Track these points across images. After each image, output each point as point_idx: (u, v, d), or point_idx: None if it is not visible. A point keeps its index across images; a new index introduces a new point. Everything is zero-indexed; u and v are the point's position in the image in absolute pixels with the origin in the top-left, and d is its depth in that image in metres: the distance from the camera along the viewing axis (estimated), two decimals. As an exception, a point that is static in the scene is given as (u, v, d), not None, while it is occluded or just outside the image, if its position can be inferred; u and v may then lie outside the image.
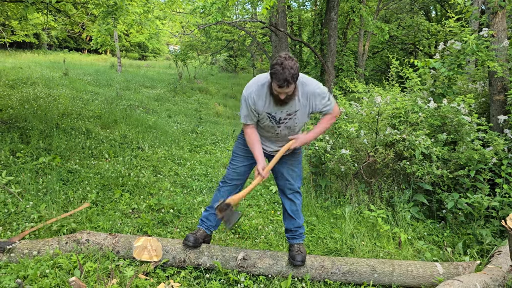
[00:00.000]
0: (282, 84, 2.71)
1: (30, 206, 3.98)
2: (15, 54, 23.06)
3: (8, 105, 8.21)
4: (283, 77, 2.67)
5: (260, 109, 3.02)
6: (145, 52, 41.08)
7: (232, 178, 3.44)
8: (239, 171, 3.43)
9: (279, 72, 2.67)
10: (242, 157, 3.42)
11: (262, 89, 2.99)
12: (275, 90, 2.83)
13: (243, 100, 3.02)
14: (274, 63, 2.72)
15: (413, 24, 17.69)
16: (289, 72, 2.67)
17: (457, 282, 3.01)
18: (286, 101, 2.94)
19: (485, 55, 5.02)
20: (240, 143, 3.44)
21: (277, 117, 3.06)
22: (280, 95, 2.84)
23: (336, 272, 3.40)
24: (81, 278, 2.80)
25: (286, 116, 3.07)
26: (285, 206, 3.51)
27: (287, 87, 2.75)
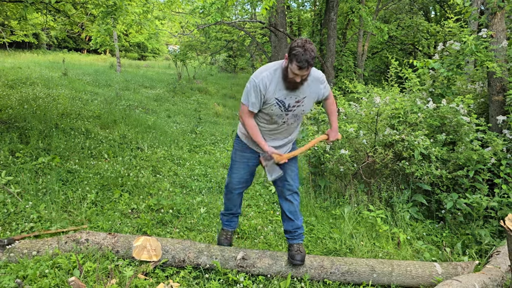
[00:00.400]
0: (303, 65, 2.73)
1: (30, 206, 3.98)
2: (14, 54, 23.05)
3: (7, 105, 8.21)
4: (305, 58, 2.71)
5: (270, 94, 2.98)
6: (144, 52, 41.07)
7: (235, 187, 3.49)
8: (239, 177, 3.46)
9: (301, 53, 2.70)
10: (243, 164, 3.41)
11: (274, 74, 2.98)
12: (293, 73, 2.82)
13: (253, 86, 2.96)
14: (295, 45, 2.75)
15: (412, 25, 17.71)
16: (310, 54, 2.72)
17: (456, 282, 3.02)
18: (298, 86, 2.95)
19: (484, 55, 5.03)
20: (238, 149, 3.42)
21: (286, 103, 3.04)
22: (296, 77, 2.84)
23: (335, 272, 3.41)
24: (80, 278, 2.80)
25: (295, 103, 3.07)
26: (283, 207, 3.48)
27: (306, 69, 2.78)
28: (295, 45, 2.76)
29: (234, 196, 3.57)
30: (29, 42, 26.78)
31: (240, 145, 3.39)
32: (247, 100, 3.02)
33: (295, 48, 2.74)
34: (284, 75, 2.92)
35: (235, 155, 3.45)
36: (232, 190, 3.52)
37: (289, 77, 2.87)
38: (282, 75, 2.95)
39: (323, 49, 15.70)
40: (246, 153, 3.38)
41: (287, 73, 2.88)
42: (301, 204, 5.07)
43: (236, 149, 3.44)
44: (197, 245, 3.34)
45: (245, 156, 3.38)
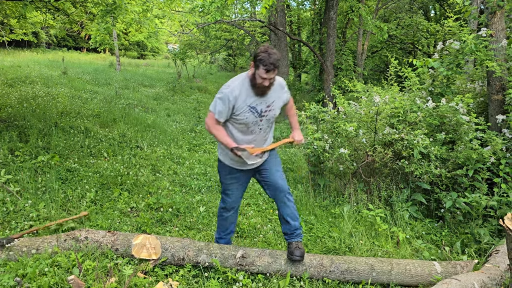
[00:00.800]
0: (270, 68, 2.88)
1: (29, 204, 3.98)
2: (14, 53, 23.01)
3: (7, 104, 8.21)
4: (270, 61, 2.86)
5: (241, 103, 3.08)
6: (144, 51, 41.04)
7: (233, 206, 3.53)
8: (236, 197, 3.50)
9: (266, 57, 2.87)
10: (234, 184, 3.44)
11: (243, 84, 3.09)
12: (261, 77, 2.95)
13: (221, 96, 3.06)
14: (258, 52, 2.93)
15: (412, 24, 17.70)
16: (274, 57, 2.89)
17: (455, 281, 3.02)
18: (266, 91, 3.09)
19: (484, 54, 5.02)
20: (226, 173, 3.42)
21: (258, 108, 3.14)
22: (264, 81, 2.97)
23: (334, 271, 3.41)
24: (79, 277, 2.80)
25: (266, 108, 3.18)
26: (280, 211, 3.49)
27: (273, 72, 2.92)
28: (259, 51, 2.93)
29: (232, 214, 3.58)
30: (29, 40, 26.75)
31: (226, 169, 3.41)
32: (214, 108, 3.11)
33: (260, 54, 2.91)
34: (252, 82, 3.05)
35: (225, 179, 3.45)
36: (230, 209, 3.54)
37: (257, 83, 3.00)
38: (250, 83, 3.08)
39: (322, 48, 15.69)
40: (235, 175, 3.41)
41: (255, 80, 3.01)
42: (300, 203, 5.09)
43: (223, 174, 3.44)
44: (197, 243, 3.34)
45: (235, 177, 3.41)
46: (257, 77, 2.98)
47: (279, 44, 15.51)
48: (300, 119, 5.71)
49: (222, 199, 3.53)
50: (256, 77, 2.98)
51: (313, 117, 5.68)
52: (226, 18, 15.23)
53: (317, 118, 5.60)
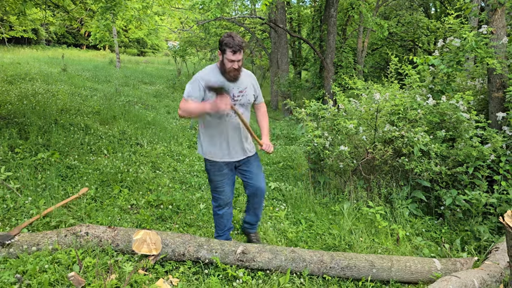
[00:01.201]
0: (236, 49, 3.06)
1: (29, 201, 3.98)
2: (13, 50, 22.99)
3: (7, 101, 8.20)
4: (236, 43, 3.06)
5: None
6: (144, 48, 40.98)
7: (226, 202, 3.60)
8: (227, 192, 3.59)
9: (231, 40, 3.06)
10: (224, 180, 3.53)
11: (213, 71, 3.27)
12: (229, 60, 3.12)
13: (194, 81, 3.19)
14: (222, 39, 3.11)
15: (412, 21, 17.67)
16: (238, 40, 3.08)
17: (455, 278, 3.03)
18: (237, 76, 3.25)
19: (484, 52, 5.02)
20: (214, 171, 3.49)
21: (231, 93, 3.24)
22: (233, 64, 3.13)
23: (335, 267, 3.41)
24: (80, 274, 2.80)
25: (239, 93, 3.32)
26: (253, 206, 3.71)
27: (239, 54, 3.10)
28: (223, 38, 3.12)
29: (227, 211, 3.65)
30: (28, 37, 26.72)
31: (214, 167, 3.48)
32: (186, 94, 3.21)
33: (224, 39, 3.10)
34: (222, 68, 3.21)
35: (214, 177, 3.52)
36: (224, 206, 3.61)
37: (227, 67, 3.16)
38: (220, 70, 3.24)
39: (322, 45, 15.67)
40: (223, 171, 3.49)
41: (224, 66, 3.17)
42: (300, 200, 5.10)
43: (212, 171, 3.51)
44: (197, 239, 3.34)
45: (223, 174, 3.50)
46: (225, 62, 3.14)
47: (279, 41, 15.50)
48: (300, 116, 5.71)
49: (214, 198, 3.61)
50: (225, 62, 3.14)
51: (313, 115, 5.67)
52: (226, 15, 15.19)
53: (317, 115, 5.59)
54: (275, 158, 7.46)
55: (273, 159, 7.36)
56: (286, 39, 15.61)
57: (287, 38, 15.94)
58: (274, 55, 16.68)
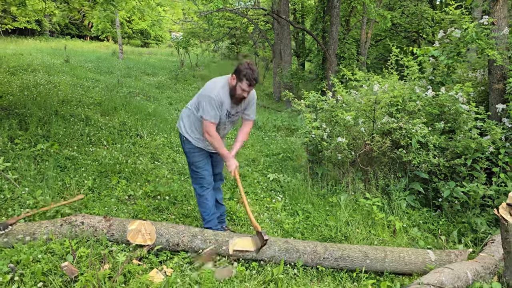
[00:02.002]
0: (252, 83, 3.28)
1: (26, 192, 4.01)
2: (17, 41, 23.00)
3: (8, 92, 8.21)
4: (253, 77, 3.26)
5: (224, 107, 3.43)
6: (147, 39, 40.88)
7: (210, 181, 3.74)
8: (209, 172, 3.75)
9: (250, 73, 3.25)
10: (205, 160, 3.72)
11: (224, 90, 3.42)
12: (243, 90, 3.32)
13: (211, 101, 3.35)
14: (242, 67, 3.28)
15: (417, 12, 17.49)
16: (256, 74, 3.29)
17: (447, 269, 3.03)
18: (242, 102, 3.51)
19: (485, 43, 4.97)
20: (196, 151, 3.66)
21: (231, 112, 3.54)
22: (244, 93, 3.35)
23: (328, 258, 3.43)
24: (73, 264, 2.83)
25: (235, 113, 3.60)
26: (216, 196, 3.92)
27: (253, 86, 3.34)
28: (242, 67, 3.27)
29: (211, 191, 3.76)
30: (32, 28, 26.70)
31: (196, 148, 3.65)
32: (208, 115, 3.38)
33: (244, 70, 3.26)
34: (232, 93, 3.40)
35: (194, 158, 3.68)
36: (208, 186, 3.72)
37: (237, 93, 3.36)
38: (229, 92, 3.42)
39: (325, 36, 15.58)
40: (203, 152, 3.70)
41: (235, 91, 3.36)
42: (298, 192, 5.11)
43: (193, 151, 3.67)
44: (191, 229, 3.36)
45: (203, 154, 3.70)
46: (237, 89, 3.34)
47: (282, 32, 15.41)
48: (299, 107, 5.69)
49: (196, 180, 3.73)
50: (237, 88, 3.34)
51: (312, 106, 5.65)
52: (229, 6, 15.11)
53: (315, 107, 5.57)
54: (275, 149, 7.46)
55: (273, 151, 7.36)
56: (289, 30, 15.52)
57: (290, 29, 15.84)
58: (277, 46, 16.60)
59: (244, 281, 3.13)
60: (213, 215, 3.75)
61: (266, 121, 10.33)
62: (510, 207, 2.97)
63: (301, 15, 21.97)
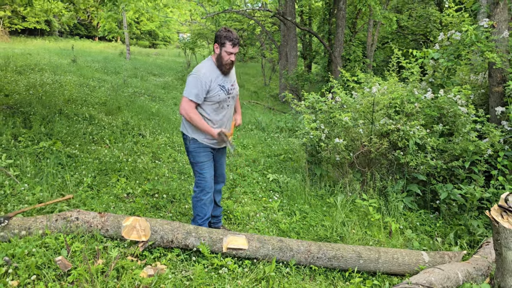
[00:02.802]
0: (235, 42, 3.33)
1: (26, 188, 4.07)
2: (26, 41, 23.27)
3: (15, 91, 8.34)
4: (234, 36, 3.32)
5: (214, 84, 3.41)
6: (155, 40, 41.13)
7: (211, 185, 3.69)
8: (211, 175, 3.71)
9: (230, 34, 3.32)
10: (208, 162, 3.68)
11: (211, 67, 3.44)
12: (228, 53, 3.35)
13: (196, 79, 3.34)
14: (220, 33, 3.35)
15: (424, 15, 17.43)
16: (235, 34, 3.35)
17: (438, 270, 3.04)
18: (230, 68, 3.50)
19: (485, 45, 4.97)
20: (200, 151, 3.61)
21: (226, 87, 3.51)
22: (231, 57, 3.37)
23: (321, 257, 3.45)
24: (67, 258, 2.88)
25: (230, 87, 3.58)
26: (214, 197, 3.89)
27: (237, 47, 3.36)
28: (220, 32, 3.35)
29: (211, 196, 3.71)
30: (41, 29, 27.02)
31: (200, 147, 3.60)
32: (190, 93, 3.36)
33: (223, 33, 3.33)
34: (219, 62, 3.41)
35: (199, 157, 3.62)
36: (210, 190, 3.68)
37: (224, 60, 3.38)
38: (216, 63, 3.44)
39: (331, 38, 15.58)
40: (208, 152, 3.65)
41: (221, 59, 3.39)
42: (296, 192, 5.13)
43: (197, 152, 3.61)
44: (186, 226, 3.40)
45: (208, 155, 3.66)
46: (223, 55, 3.36)
47: (288, 34, 15.43)
48: (298, 108, 5.73)
49: (198, 183, 3.67)
50: (223, 54, 3.36)
51: (312, 107, 5.68)
52: (235, 8, 15.18)
53: (315, 108, 5.60)
54: (277, 150, 7.48)
55: (274, 152, 7.39)
56: (295, 32, 15.54)
57: (296, 31, 15.86)
58: (283, 48, 16.63)
59: (236, 278, 3.17)
60: (206, 220, 3.72)
61: (269, 122, 10.36)
62: (502, 209, 2.98)
63: (308, 17, 21.96)
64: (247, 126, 9.84)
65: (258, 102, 15.52)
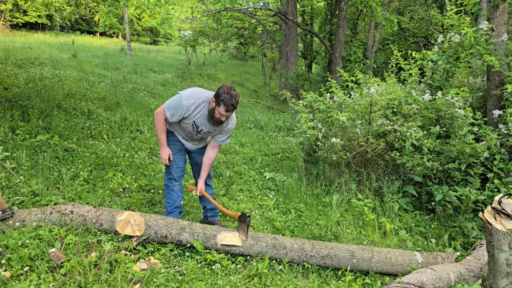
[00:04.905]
0: (229, 108, 3.27)
1: (22, 181, 4.08)
2: (26, 35, 23.23)
3: (14, 84, 8.32)
4: (231, 103, 3.25)
5: (190, 118, 3.46)
6: (156, 37, 41.10)
7: (179, 175, 3.76)
8: (179, 166, 3.77)
9: (228, 99, 3.24)
10: (178, 152, 3.76)
11: (202, 105, 3.45)
12: (221, 114, 3.32)
13: (181, 105, 3.39)
14: (221, 91, 3.26)
15: (425, 17, 17.45)
16: (235, 99, 3.27)
17: (430, 270, 3.05)
18: (220, 125, 3.53)
19: (483, 48, 4.98)
20: (169, 141, 3.72)
21: (199, 128, 3.56)
22: (221, 117, 3.35)
23: (315, 256, 3.46)
24: (61, 250, 2.88)
25: (206, 132, 3.62)
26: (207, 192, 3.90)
27: (231, 112, 3.32)
28: (221, 92, 3.26)
29: (178, 185, 3.78)
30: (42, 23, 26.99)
31: (172, 136, 3.74)
32: (169, 110, 3.45)
33: (222, 94, 3.25)
34: (211, 115, 3.41)
35: (171, 145, 3.74)
36: (177, 179, 3.76)
37: (215, 116, 3.36)
38: (208, 112, 3.44)
39: (332, 39, 15.59)
40: (179, 144, 3.77)
41: (213, 114, 3.36)
42: (292, 191, 5.14)
43: (172, 140, 3.75)
44: (180, 222, 3.41)
45: (178, 146, 3.76)
46: (216, 112, 3.33)
47: (289, 33, 15.43)
48: (296, 108, 5.74)
49: (167, 171, 3.77)
50: (215, 112, 3.33)
51: (310, 106, 5.69)
52: (237, 6, 15.17)
53: (313, 107, 5.61)
54: (275, 149, 7.49)
55: (272, 150, 7.40)
56: (296, 31, 15.54)
57: (297, 31, 15.86)
58: (284, 47, 16.63)
59: (229, 274, 3.18)
60: (176, 208, 3.75)
61: (268, 121, 10.37)
62: (495, 210, 3.00)
63: (309, 17, 21.95)
64: (245, 124, 9.85)
65: (258, 101, 15.53)
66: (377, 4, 11.92)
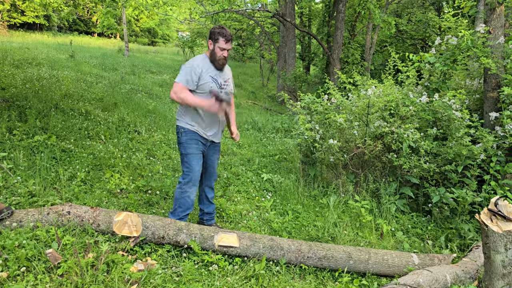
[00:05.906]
0: (228, 38, 3.43)
1: (19, 181, 4.07)
2: (24, 35, 23.18)
3: (11, 84, 8.32)
4: (228, 32, 3.44)
5: (204, 74, 3.48)
6: (154, 38, 41.09)
7: (197, 178, 3.68)
8: (199, 168, 3.70)
9: (223, 31, 3.45)
10: (198, 155, 3.67)
11: (204, 60, 3.55)
12: (221, 48, 3.46)
13: (189, 67, 3.45)
14: (214, 30, 3.48)
15: (423, 20, 17.51)
16: (228, 31, 3.46)
17: (427, 272, 3.07)
18: (225, 64, 3.60)
19: (480, 51, 5.00)
20: (189, 143, 3.61)
21: (218, 80, 3.58)
22: (224, 53, 3.48)
23: (312, 257, 3.47)
24: (58, 251, 2.88)
25: (224, 83, 3.64)
26: (206, 194, 3.97)
27: (230, 43, 3.47)
28: (214, 29, 3.47)
29: (195, 190, 3.69)
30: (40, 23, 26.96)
31: (192, 139, 3.60)
32: (181, 79, 3.44)
33: (216, 30, 3.46)
34: (212, 58, 3.53)
35: (190, 148, 3.62)
36: (196, 183, 3.68)
37: (217, 55, 3.49)
38: (210, 59, 3.55)
39: (330, 41, 15.61)
40: (200, 145, 3.67)
41: (215, 54, 3.50)
42: (289, 192, 5.14)
43: (187, 143, 3.61)
44: (177, 223, 3.41)
45: (199, 147, 3.67)
46: (217, 50, 3.47)
47: (287, 35, 15.46)
48: (294, 109, 5.75)
49: (185, 175, 3.65)
50: (216, 50, 3.48)
51: (307, 108, 5.70)
52: (235, 7, 15.19)
53: (310, 108, 5.62)
54: (272, 150, 7.50)
55: (270, 152, 7.41)
56: (294, 33, 15.57)
57: (295, 33, 15.89)
58: (282, 49, 16.66)
59: (226, 275, 3.18)
60: (187, 214, 3.69)
61: (266, 122, 10.38)
62: (491, 212, 3.01)
63: (308, 19, 22.00)
64: (243, 126, 9.86)
65: (256, 102, 15.53)
66: (375, 6, 11.94)
